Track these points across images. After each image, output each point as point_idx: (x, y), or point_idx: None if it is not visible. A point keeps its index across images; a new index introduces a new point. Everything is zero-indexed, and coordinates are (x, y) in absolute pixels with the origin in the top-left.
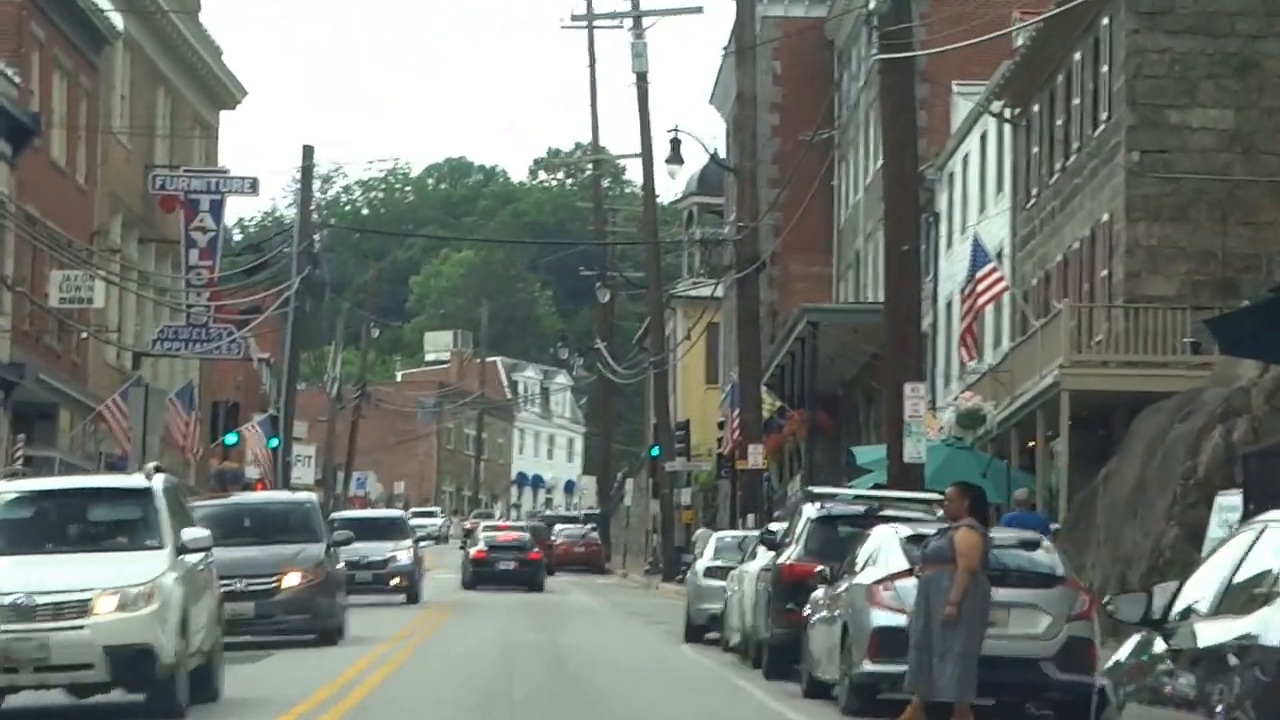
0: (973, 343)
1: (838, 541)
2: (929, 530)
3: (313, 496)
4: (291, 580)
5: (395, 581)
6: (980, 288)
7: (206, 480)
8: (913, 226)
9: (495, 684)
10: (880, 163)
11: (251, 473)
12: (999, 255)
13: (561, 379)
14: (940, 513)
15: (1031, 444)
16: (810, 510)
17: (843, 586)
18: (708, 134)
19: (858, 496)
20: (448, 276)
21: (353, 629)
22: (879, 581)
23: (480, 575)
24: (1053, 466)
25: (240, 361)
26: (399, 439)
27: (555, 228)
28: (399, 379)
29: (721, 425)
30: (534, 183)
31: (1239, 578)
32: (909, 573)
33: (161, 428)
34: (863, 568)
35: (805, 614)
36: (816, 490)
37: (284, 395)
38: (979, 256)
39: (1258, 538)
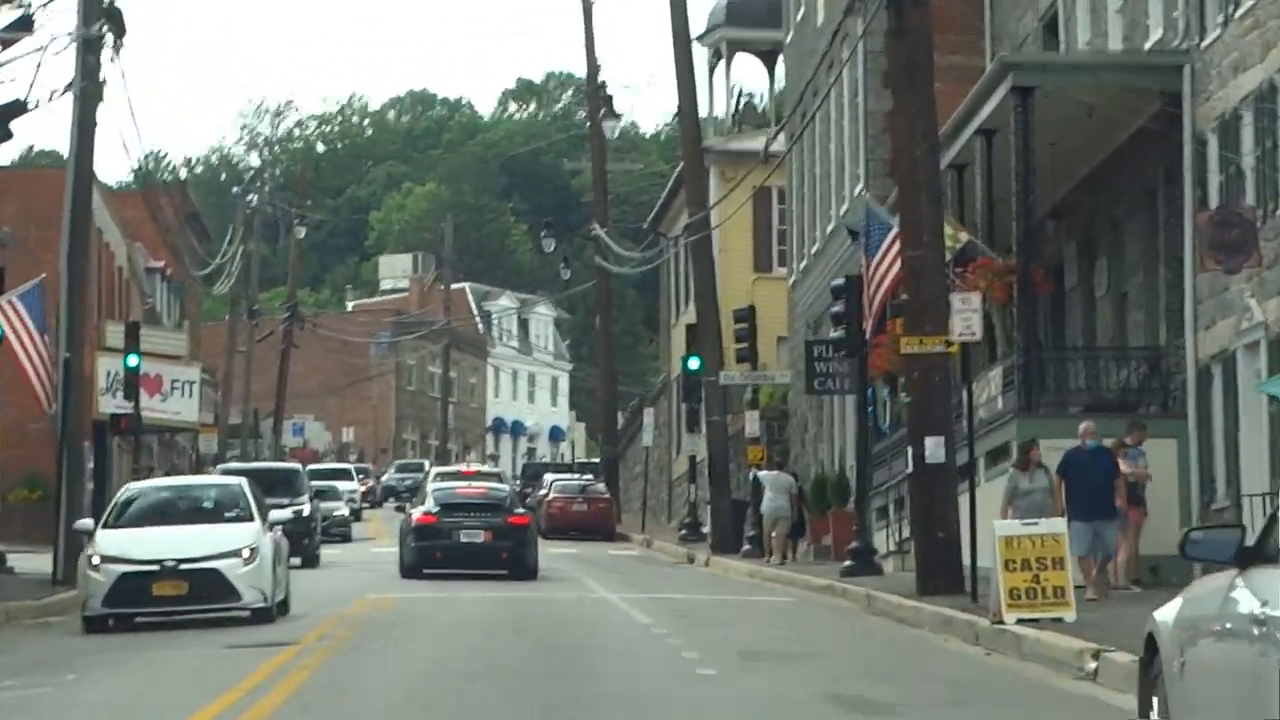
0: None
1: None
2: None
3: None
4: None
5: None
6: None
7: None
8: None
9: None
10: None
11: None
12: None
13: (543, 308)
14: None
15: None
16: None
17: None
18: None
19: None
20: (410, 210)
21: None
22: None
23: (427, 554)
24: None
25: None
26: (349, 379)
27: (527, 159)
28: (349, 309)
29: (840, 294)
30: (504, 114)
31: None
32: None
33: None
34: None
35: None
36: None
37: (68, 250)
38: None
39: None
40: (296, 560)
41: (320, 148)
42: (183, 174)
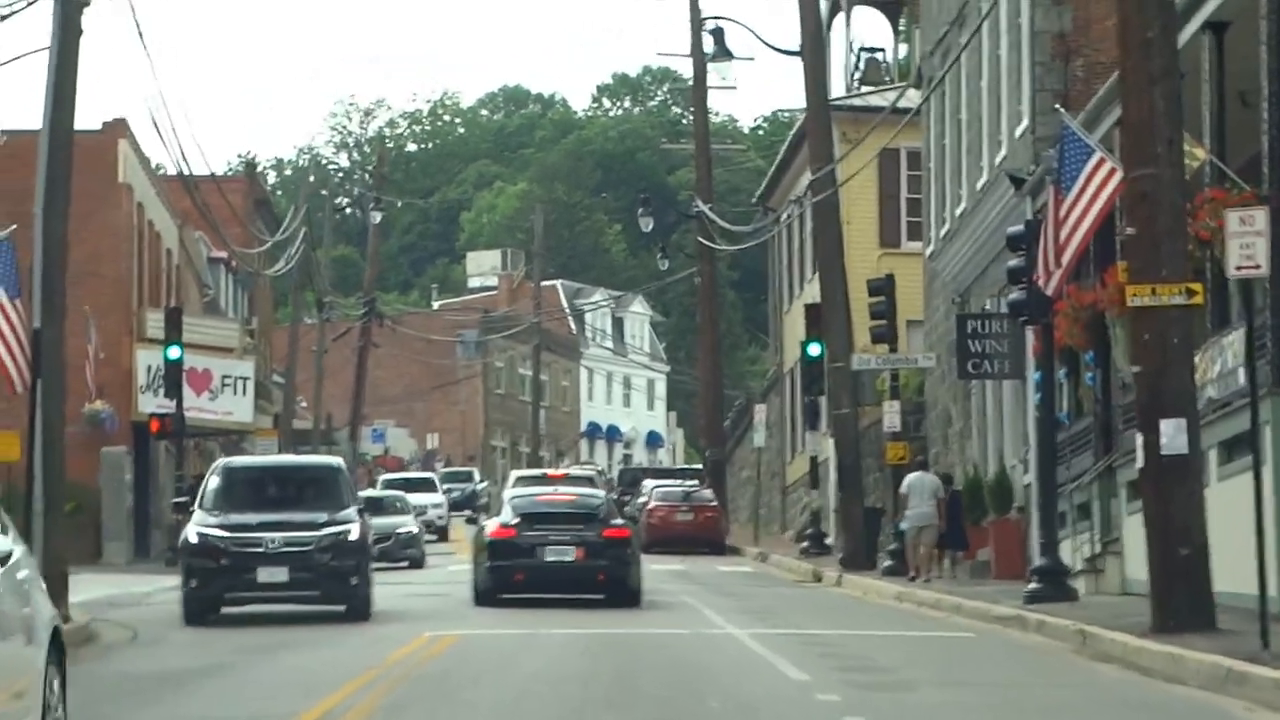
0: None
1: None
2: None
3: None
4: None
5: None
6: None
7: None
8: None
9: None
10: None
11: None
12: None
13: (638, 306)
14: None
15: None
16: None
17: None
18: None
19: None
20: (502, 210)
21: None
22: None
23: (505, 576)
24: None
25: None
26: (435, 383)
27: (623, 157)
28: (435, 307)
29: (1020, 244)
30: (598, 111)
31: None
32: None
33: None
34: None
35: None
36: None
37: (44, 200)
38: None
39: None
40: (340, 608)
41: (411, 147)
42: (271, 177)
